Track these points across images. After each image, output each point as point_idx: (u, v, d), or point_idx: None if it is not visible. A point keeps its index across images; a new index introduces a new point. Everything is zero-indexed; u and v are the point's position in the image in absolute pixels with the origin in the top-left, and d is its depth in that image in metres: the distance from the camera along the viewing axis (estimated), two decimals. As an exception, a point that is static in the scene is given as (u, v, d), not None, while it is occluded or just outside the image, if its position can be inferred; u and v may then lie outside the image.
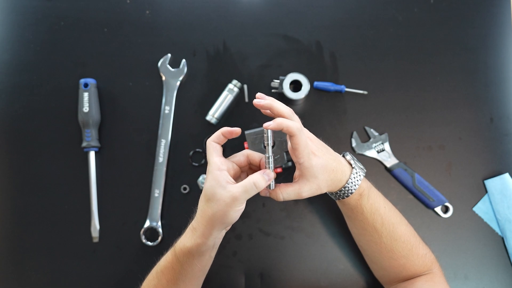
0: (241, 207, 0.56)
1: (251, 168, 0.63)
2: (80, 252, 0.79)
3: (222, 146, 0.60)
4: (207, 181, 0.57)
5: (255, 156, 0.61)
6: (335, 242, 0.78)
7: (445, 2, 0.83)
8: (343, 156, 0.65)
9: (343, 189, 0.62)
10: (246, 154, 0.61)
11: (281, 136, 0.67)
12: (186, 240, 0.59)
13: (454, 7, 0.83)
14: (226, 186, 0.55)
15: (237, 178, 0.61)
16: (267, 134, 0.56)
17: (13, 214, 0.80)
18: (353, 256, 0.77)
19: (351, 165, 0.63)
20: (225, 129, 0.58)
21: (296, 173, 0.62)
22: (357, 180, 0.62)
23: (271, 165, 0.58)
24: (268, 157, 0.57)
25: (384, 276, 0.69)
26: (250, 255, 0.78)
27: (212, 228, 0.56)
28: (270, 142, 0.56)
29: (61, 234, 0.79)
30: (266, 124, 0.56)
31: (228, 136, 0.59)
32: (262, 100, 0.60)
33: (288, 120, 0.56)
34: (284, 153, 0.67)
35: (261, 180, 0.56)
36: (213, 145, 0.58)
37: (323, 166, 0.59)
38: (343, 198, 0.63)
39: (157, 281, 0.62)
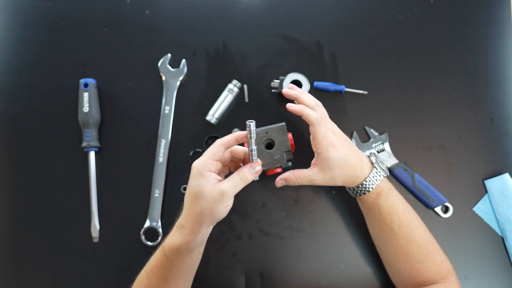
0: (230, 203, 0.58)
1: (233, 160, 0.64)
2: (80, 252, 0.79)
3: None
4: (194, 180, 0.57)
5: (239, 151, 0.62)
6: (335, 242, 0.78)
7: (445, 2, 0.83)
8: (368, 155, 0.67)
9: (360, 185, 0.65)
10: (229, 150, 0.62)
11: (281, 136, 0.68)
12: (175, 238, 0.59)
13: (454, 7, 0.83)
14: (214, 183, 0.57)
15: (220, 173, 0.63)
16: (251, 128, 0.58)
17: (13, 214, 0.80)
18: (353, 256, 0.77)
19: (372, 164, 0.65)
20: (239, 133, 0.60)
21: (313, 160, 0.65)
22: (376, 180, 0.64)
23: (255, 157, 0.60)
24: (252, 150, 0.59)
25: (399, 280, 0.69)
26: (250, 255, 0.78)
27: (201, 224, 0.58)
28: (254, 136, 0.58)
29: (61, 234, 0.79)
30: (289, 105, 0.63)
31: (240, 141, 0.60)
32: (290, 90, 0.66)
33: (309, 109, 0.62)
34: (284, 153, 0.68)
35: (248, 174, 0.59)
36: (216, 149, 0.59)
37: (341, 160, 0.63)
38: (360, 195, 0.66)
39: (148, 280, 0.63)
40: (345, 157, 0.63)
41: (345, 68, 0.82)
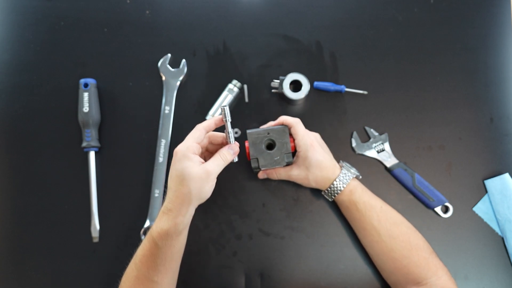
0: (214, 182, 0.63)
1: (210, 144, 0.69)
2: (80, 252, 0.79)
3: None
4: (180, 163, 0.60)
5: (217, 136, 0.68)
6: (335, 242, 0.78)
7: (445, 2, 0.83)
8: (339, 162, 0.74)
9: (332, 185, 0.70)
10: (208, 136, 0.67)
11: (282, 138, 0.70)
12: (163, 223, 0.61)
13: (454, 7, 0.83)
14: (199, 164, 0.61)
15: (201, 156, 0.66)
16: (225, 111, 0.62)
17: (13, 214, 0.80)
18: (353, 256, 0.77)
19: (341, 167, 0.71)
20: (217, 117, 0.65)
21: (294, 158, 0.72)
22: (346, 179, 0.70)
23: (232, 140, 0.65)
24: (229, 133, 0.65)
25: (395, 282, 0.70)
26: (250, 255, 0.78)
27: (189, 205, 0.61)
28: (229, 119, 0.63)
29: (61, 234, 0.79)
30: (270, 123, 0.73)
31: (218, 125, 0.65)
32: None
33: (287, 116, 0.71)
34: (284, 155, 0.70)
35: (227, 154, 0.64)
36: (199, 132, 0.63)
37: (318, 160, 0.69)
38: (334, 196, 0.71)
39: (137, 271, 0.64)
40: (321, 158, 0.69)
41: (345, 68, 0.82)
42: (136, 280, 0.64)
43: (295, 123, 0.70)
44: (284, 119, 0.71)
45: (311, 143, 0.69)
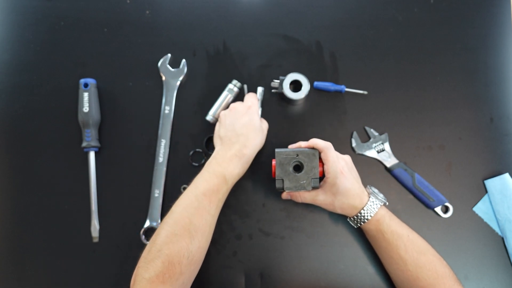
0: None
1: None
2: (80, 252, 0.79)
3: None
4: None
5: None
6: (335, 242, 0.78)
7: (445, 2, 0.83)
8: (366, 188, 0.71)
9: (359, 214, 0.68)
10: None
11: (311, 162, 0.67)
12: (234, 166, 0.69)
13: (454, 7, 0.83)
14: (262, 121, 0.76)
15: None
16: (260, 91, 0.78)
17: (13, 214, 0.80)
18: (353, 256, 0.77)
19: (369, 195, 0.69)
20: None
21: (322, 182, 0.70)
22: (373, 208, 0.68)
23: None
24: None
25: None
26: (250, 255, 0.78)
27: (255, 152, 0.72)
28: (260, 98, 0.78)
29: (61, 234, 0.79)
30: (301, 143, 0.71)
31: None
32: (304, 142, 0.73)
33: (319, 139, 0.69)
34: (311, 180, 0.67)
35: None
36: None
37: (346, 188, 0.67)
38: (360, 224, 0.69)
39: (198, 203, 0.65)
40: (350, 186, 0.67)
41: (345, 68, 0.82)
42: (196, 211, 0.65)
43: (327, 148, 0.67)
44: (315, 142, 0.68)
45: (341, 170, 0.67)
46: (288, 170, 0.67)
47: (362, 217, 0.68)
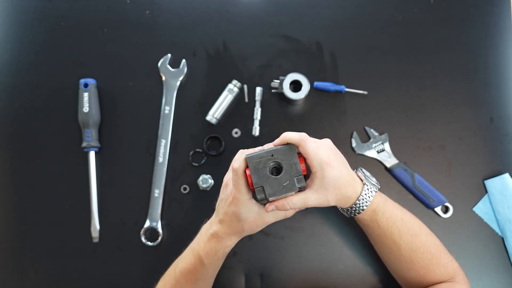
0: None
1: None
2: (80, 252, 0.79)
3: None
4: (237, 206, 0.60)
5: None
6: (335, 242, 0.78)
7: (445, 2, 0.83)
8: (356, 171, 0.64)
9: (354, 205, 0.61)
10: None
11: (290, 159, 0.57)
12: (212, 245, 0.63)
13: (454, 7, 0.83)
14: (260, 213, 0.61)
15: None
16: (258, 91, 0.73)
17: (13, 214, 0.80)
18: (353, 256, 0.77)
19: (362, 181, 0.62)
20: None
21: (307, 181, 0.61)
22: (369, 197, 0.61)
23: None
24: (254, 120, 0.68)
25: (405, 284, 0.69)
26: (250, 255, 0.78)
27: (240, 236, 0.64)
28: (259, 98, 0.73)
29: (61, 234, 0.79)
30: (273, 143, 0.60)
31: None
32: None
33: (291, 132, 0.59)
34: (295, 179, 0.57)
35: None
36: (243, 173, 0.58)
37: (336, 178, 0.58)
38: (354, 215, 0.63)
39: (175, 281, 0.65)
40: (339, 175, 0.59)
41: (345, 68, 0.82)
42: None
43: (302, 140, 0.57)
44: (287, 137, 0.58)
45: (327, 160, 0.58)
46: (266, 175, 0.56)
47: (357, 208, 0.61)
